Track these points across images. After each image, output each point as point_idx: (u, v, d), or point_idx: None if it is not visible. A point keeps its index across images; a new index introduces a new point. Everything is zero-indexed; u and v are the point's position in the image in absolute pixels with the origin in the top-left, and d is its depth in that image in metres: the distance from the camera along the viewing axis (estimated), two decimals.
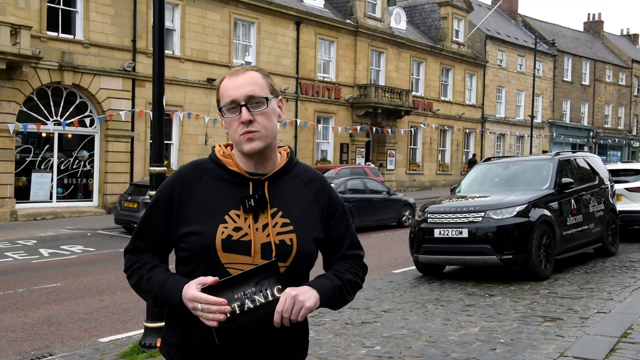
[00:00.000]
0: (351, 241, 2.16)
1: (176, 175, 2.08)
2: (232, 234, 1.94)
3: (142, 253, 2.08)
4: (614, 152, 54.31)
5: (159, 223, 2.06)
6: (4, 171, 18.90)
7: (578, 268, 10.07)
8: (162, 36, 6.28)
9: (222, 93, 2.04)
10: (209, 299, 1.81)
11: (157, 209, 2.07)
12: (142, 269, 2.04)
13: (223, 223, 1.95)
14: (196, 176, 2.05)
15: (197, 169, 2.07)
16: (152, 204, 2.10)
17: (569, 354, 5.36)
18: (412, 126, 35.07)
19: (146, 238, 2.09)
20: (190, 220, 1.98)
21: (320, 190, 2.12)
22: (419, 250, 9.47)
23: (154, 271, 2.02)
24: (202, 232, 1.95)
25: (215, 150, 2.10)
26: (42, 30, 19.72)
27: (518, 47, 44.10)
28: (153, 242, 2.09)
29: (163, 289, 1.96)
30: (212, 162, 2.08)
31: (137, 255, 2.08)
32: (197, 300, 1.83)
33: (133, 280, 2.07)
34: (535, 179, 10.36)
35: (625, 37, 63.89)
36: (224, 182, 2.02)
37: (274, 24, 27.29)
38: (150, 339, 5.96)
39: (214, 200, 1.99)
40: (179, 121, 23.75)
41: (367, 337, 6.30)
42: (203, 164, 2.09)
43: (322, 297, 1.96)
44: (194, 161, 2.13)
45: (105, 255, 12.99)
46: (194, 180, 2.04)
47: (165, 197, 2.06)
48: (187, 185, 2.04)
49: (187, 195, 2.02)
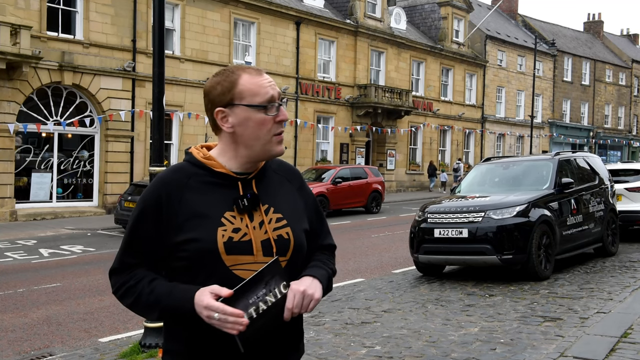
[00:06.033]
0: (327, 231, 2.24)
1: (159, 183, 1.97)
2: (232, 236, 1.93)
3: (134, 269, 1.96)
4: (614, 152, 54.32)
5: (149, 235, 1.94)
6: (4, 171, 18.90)
7: (578, 268, 10.07)
8: (162, 36, 6.28)
9: (253, 89, 1.96)
10: (226, 310, 1.80)
11: (145, 220, 1.95)
12: (139, 284, 1.93)
13: (221, 226, 1.93)
14: (182, 182, 1.96)
15: (181, 174, 1.98)
16: (138, 216, 1.97)
17: (569, 354, 5.36)
18: (412, 126, 35.08)
19: (136, 253, 1.97)
20: (184, 227, 1.91)
21: (301, 184, 2.17)
22: (419, 250, 9.47)
23: (154, 284, 1.93)
24: (202, 238, 1.90)
25: (194, 154, 2.02)
26: (42, 30, 19.72)
27: (518, 47, 44.10)
28: (144, 256, 1.96)
29: (170, 299, 1.89)
30: (193, 166, 2.00)
31: (128, 272, 1.96)
32: (213, 310, 1.80)
33: (129, 299, 1.95)
34: (535, 179, 10.36)
35: (625, 37, 63.91)
36: (211, 185, 1.98)
37: (274, 24, 27.29)
38: (150, 339, 5.96)
39: (205, 205, 1.95)
40: (179, 121, 23.76)
41: (367, 337, 6.29)
42: (184, 168, 2.00)
43: (323, 287, 2.02)
44: (174, 166, 2.03)
45: (105, 255, 12.99)
46: (180, 186, 1.96)
47: (152, 206, 1.95)
48: (174, 192, 1.95)
49: (177, 202, 1.93)
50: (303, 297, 1.90)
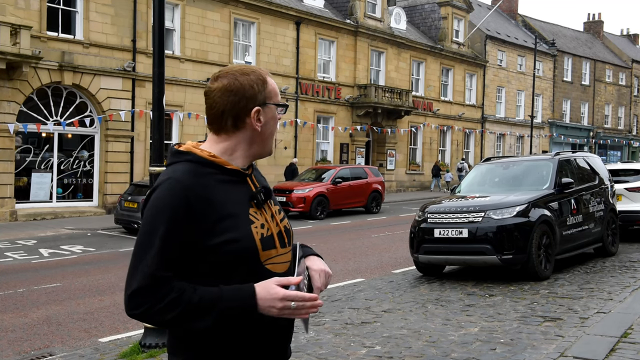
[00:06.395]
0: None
1: (181, 186, 1.87)
2: (262, 232, 1.97)
3: (170, 283, 1.82)
4: (614, 152, 54.33)
5: (181, 242, 1.84)
6: (4, 171, 18.91)
7: (578, 268, 10.07)
8: (162, 36, 6.28)
9: (275, 89, 2.05)
10: (304, 296, 1.89)
11: (177, 227, 1.83)
12: (184, 295, 1.81)
13: (252, 224, 1.95)
14: (203, 183, 1.91)
15: (198, 175, 1.92)
16: (167, 224, 1.83)
17: (569, 354, 5.36)
18: (412, 126, 35.08)
19: (170, 265, 1.82)
20: (218, 229, 1.87)
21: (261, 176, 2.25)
22: (419, 250, 9.47)
23: (200, 291, 1.83)
24: (241, 238, 1.89)
25: (198, 152, 1.97)
26: (42, 30, 19.72)
27: (518, 47, 44.11)
28: (177, 266, 1.84)
29: (227, 301, 1.83)
30: (202, 165, 1.95)
31: (163, 287, 1.81)
32: (290, 299, 1.87)
33: (171, 313, 1.81)
34: (535, 179, 10.36)
35: (625, 37, 63.91)
36: (227, 184, 1.97)
37: (274, 24, 27.29)
38: (150, 339, 5.96)
39: (231, 204, 1.93)
40: (179, 121, 23.76)
41: (367, 337, 6.29)
42: (197, 169, 1.93)
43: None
44: (186, 168, 1.93)
45: (105, 255, 12.99)
46: (203, 187, 1.90)
47: (183, 211, 1.85)
48: (200, 194, 1.88)
49: (205, 205, 1.88)
50: (326, 275, 2.08)
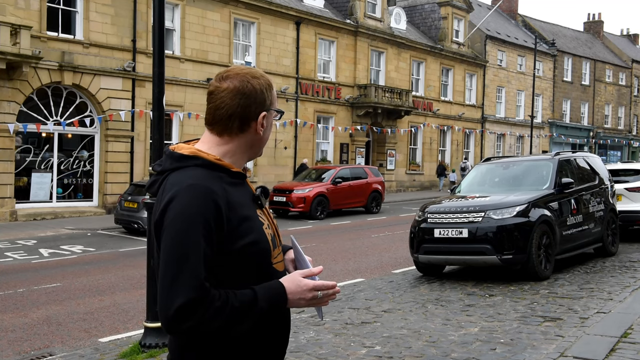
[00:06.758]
0: None
1: (205, 191, 1.84)
2: (270, 232, 2.01)
3: (211, 291, 1.80)
4: (614, 152, 54.32)
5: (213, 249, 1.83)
6: (4, 171, 18.90)
7: (578, 268, 10.07)
8: (162, 36, 6.28)
9: (275, 96, 2.05)
10: (328, 285, 1.96)
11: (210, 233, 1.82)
12: (227, 302, 1.81)
13: (262, 225, 1.98)
14: (221, 187, 1.89)
15: (214, 179, 1.90)
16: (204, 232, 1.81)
17: (569, 354, 5.36)
18: (412, 126, 35.08)
19: (204, 272, 1.80)
20: (239, 232, 1.88)
21: None
22: (419, 250, 9.47)
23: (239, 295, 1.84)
24: (260, 240, 1.93)
25: (205, 156, 1.94)
26: (42, 30, 19.71)
27: (518, 47, 44.10)
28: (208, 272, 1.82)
29: (263, 301, 1.86)
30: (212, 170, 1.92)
31: (208, 296, 1.79)
32: (318, 288, 1.94)
33: (219, 321, 1.80)
34: (535, 179, 10.36)
35: (625, 37, 63.90)
36: (234, 186, 1.96)
37: (274, 24, 27.29)
38: (150, 339, 5.96)
39: (244, 206, 1.94)
40: (179, 121, 23.75)
41: (367, 337, 6.29)
42: (210, 173, 1.91)
43: None
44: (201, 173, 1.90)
45: (105, 255, 12.99)
46: (223, 191, 1.89)
47: (213, 217, 1.83)
48: (222, 198, 1.87)
49: (227, 209, 1.87)
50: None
